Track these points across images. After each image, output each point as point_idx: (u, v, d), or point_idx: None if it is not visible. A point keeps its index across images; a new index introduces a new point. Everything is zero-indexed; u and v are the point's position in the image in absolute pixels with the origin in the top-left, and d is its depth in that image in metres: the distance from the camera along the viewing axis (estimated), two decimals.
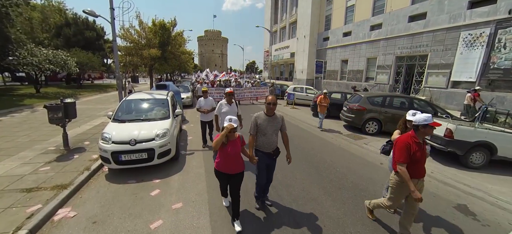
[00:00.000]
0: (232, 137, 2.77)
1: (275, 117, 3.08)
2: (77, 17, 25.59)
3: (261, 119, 3.02)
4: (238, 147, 2.83)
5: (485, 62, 11.48)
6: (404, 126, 3.28)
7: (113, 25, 8.54)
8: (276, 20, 38.91)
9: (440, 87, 13.66)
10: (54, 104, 5.00)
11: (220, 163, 2.83)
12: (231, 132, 2.65)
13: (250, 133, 3.05)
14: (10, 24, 13.17)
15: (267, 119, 3.01)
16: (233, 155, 2.77)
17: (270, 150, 3.08)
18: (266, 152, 3.08)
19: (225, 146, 2.72)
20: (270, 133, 3.01)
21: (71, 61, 16.30)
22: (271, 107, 2.95)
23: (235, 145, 2.79)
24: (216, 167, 2.90)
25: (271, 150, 3.09)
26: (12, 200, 3.31)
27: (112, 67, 32.53)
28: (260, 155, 3.07)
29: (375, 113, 7.93)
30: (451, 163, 5.58)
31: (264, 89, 15.64)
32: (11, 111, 10.09)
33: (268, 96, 3.05)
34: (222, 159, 2.81)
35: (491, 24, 11.20)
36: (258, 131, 3.02)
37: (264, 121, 3.00)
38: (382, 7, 18.12)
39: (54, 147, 5.56)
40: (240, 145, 2.87)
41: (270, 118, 3.03)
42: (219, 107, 4.85)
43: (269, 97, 2.99)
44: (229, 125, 2.61)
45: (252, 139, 3.03)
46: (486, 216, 3.48)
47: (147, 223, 3.02)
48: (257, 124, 3.00)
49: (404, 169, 2.51)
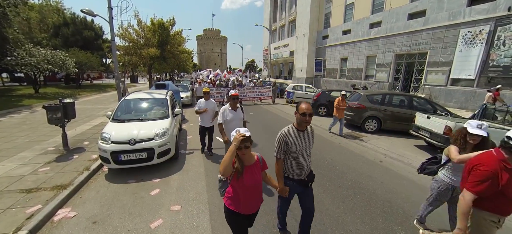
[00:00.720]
0: (249, 161, 1.90)
1: (308, 133, 2.35)
2: (75, 16, 25.48)
3: (292, 136, 2.25)
4: (259, 174, 1.95)
5: (484, 60, 11.48)
6: (463, 141, 2.48)
7: (112, 24, 8.51)
8: (275, 19, 38.81)
9: (440, 84, 13.66)
10: (53, 105, 4.99)
11: (234, 199, 1.92)
12: (245, 148, 1.80)
13: (276, 157, 2.31)
14: (7, 24, 13.10)
15: (300, 136, 2.27)
16: (253, 186, 1.90)
17: (303, 176, 2.38)
18: (299, 179, 2.36)
19: (240, 174, 1.84)
20: (304, 154, 2.31)
21: (70, 61, 16.24)
22: (307, 119, 2.15)
23: (254, 171, 1.91)
24: (228, 206, 1.95)
25: (305, 175, 2.39)
26: (12, 201, 3.31)
27: (111, 67, 32.46)
28: (291, 184, 2.36)
29: (375, 111, 7.93)
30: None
31: (267, 89, 15.22)
32: (10, 111, 10.06)
33: (301, 104, 2.21)
34: (237, 194, 1.89)
35: (491, 21, 11.19)
36: (288, 154, 2.30)
37: (296, 139, 2.25)
38: (381, 5, 18.08)
39: (53, 147, 5.55)
40: (261, 170, 2.03)
41: (303, 134, 2.29)
42: (222, 113, 3.99)
43: (303, 105, 2.19)
44: (239, 135, 1.76)
45: (280, 166, 2.32)
46: None
47: (147, 223, 3.02)
48: (287, 145, 2.25)
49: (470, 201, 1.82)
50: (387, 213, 3.36)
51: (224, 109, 4.01)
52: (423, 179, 4.55)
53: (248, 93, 14.65)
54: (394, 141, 7.14)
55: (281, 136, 2.28)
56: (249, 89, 15.20)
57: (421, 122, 6.28)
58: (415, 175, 4.73)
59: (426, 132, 6.02)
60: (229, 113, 4.00)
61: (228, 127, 3.90)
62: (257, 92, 14.96)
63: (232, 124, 3.84)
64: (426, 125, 6.06)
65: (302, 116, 2.16)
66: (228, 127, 3.90)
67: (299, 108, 2.20)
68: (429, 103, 7.99)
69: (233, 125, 3.78)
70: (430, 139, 5.82)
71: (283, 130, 2.31)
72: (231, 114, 4.00)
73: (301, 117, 2.17)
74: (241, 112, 4.10)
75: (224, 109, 4.02)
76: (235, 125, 3.66)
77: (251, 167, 1.90)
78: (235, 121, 3.94)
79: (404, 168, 5.10)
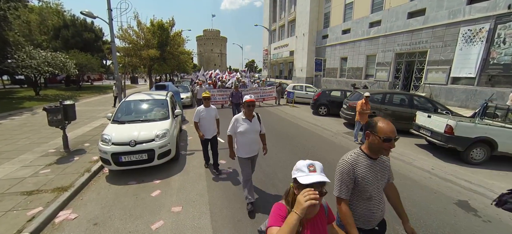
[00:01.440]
0: (311, 213, 1.26)
1: (382, 161, 1.65)
2: (75, 18, 25.53)
3: (362, 166, 1.56)
4: (324, 229, 1.34)
5: (485, 58, 11.45)
6: None
7: (111, 26, 8.51)
8: (275, 19, 38.82)
9: (440, 83, 13.64)
10: (53, 107, 4.99)
11: None
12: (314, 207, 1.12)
13: (339, 196, 1.57)
14: (8, 27, 13.15)
15: (371, 166, 1.58)
16: None
17: (373, 225, 1.73)
18: (368, 230, 1.71)
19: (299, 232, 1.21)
20: (377, 192, 1.63)
21: (70, 63, 16.28)
22: (390, 145, 1.44)
23: (319, 225, 1.32)
24: None
25: (376, 223, 1.75)
26: (13, 203, 3.31)
27: (111, 68, 32.51)
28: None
29: (375, 110, 7.92)
30: (452, 160, 5.58)
31: (271, 89, 14.57)
32: (11, 114, 10.07)
33: (380, 123, 1.48)
34: None
35: (491, 19, 11.17)
36: (355, 193, 1.60)
37: (366, 169, 1.55)
38: (381, 4, 18.06)
39: (54, 149, 5.55)
40: (327, 223, 1.39)
41: (376, 163, 1.60)
42: (234, 124, 3.20)
43: (384, 125, 1.46)
44: (310, 194, 1.03)
45: (346, 207, 1.56)
46: (487, 212, 3.47)
47: (148, 224, 3.02)
48: (355, 179, 1.55)
49: None
50: (388, 213, 3.34)
51: (237, 119, 3.20)
52: (423, 179, 4.54)
53: (253, 94, 14.27)
54: None
55: (344, 166, 1.57)
56: (252, 90, 14.47)
57: (422, 121, 6.27)
58: (416, 174, 4.72)
59: (427, 131, 6.01)
60: (243, 124, 3.16)
61: (241, 140, 3.21)
62: (261, 93, 14.34)
63: (246, 137, 3.18)
64: (427, 124, 6.05)
65: (384, 141, 1.44)
66: (241, 140, 3.21)
67: (378, 129, 1.47)
68: (430, 101, 7.98)
69: (247, 138, 3.19)
70: (431, 138, 5.81)
71: (346, 157, 1.61)
72: (246, 124, 3.16)
73: (382, 142, 1.44)
74: (258, 122, 3.29)
75: (237, 118, 3.20)
76: (251, 139, 3.22)
77: (314, 219, 1.29)
78: (250, 134, 3.19)
79: (405, 168, 5.08)
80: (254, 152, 3.30)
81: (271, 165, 4.93)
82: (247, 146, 3.22)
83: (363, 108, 6.34)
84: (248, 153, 3.24)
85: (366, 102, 6.36)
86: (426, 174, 4.77)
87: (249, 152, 3.25)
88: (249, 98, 3.14)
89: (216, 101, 12.56)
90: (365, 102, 6.36)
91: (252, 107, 3.16)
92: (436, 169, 4.99)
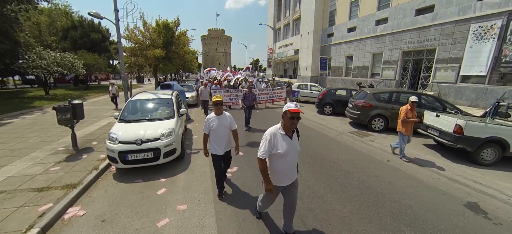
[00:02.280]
0: None
1: None
2: (83, 19, 26.05)
3: None
4: None
5: (496, 55, 11.10)
6: None
7: (118, 26, 8.66)
8: (280, 17, 38.63)
9: (449, 82, 13.30)
10: (62, 106, 5.11)
11: None
12: None
13: None
14: (19, 29, 13.56)
15: None
16: None
17: None
18: None
19: None
20: None
21: (78, 63, 16.65)
22: None
23: None
24: None
25: None
26: (25, 199, 3.41)
27: (118, 68, 33.04)
28: None
29: (382, 110, 7.80)
30: (461, 160, 5.44)
31: (280, 90, 13.65)
32: (22, 113, 10.38)
33: None
34: None
35: (503, 16, 10.80)
36: None
37: None
38: (387, 1, 17.73)
39: (63, 147, 5.69)
40: None
41: None
42: (270, 142, 2.32)
43: None
44: None
45: None
46: (498, 215, 3.38)
47: (154, 222, 3.06)
48: None
49: None
50: (395, 214, 3.29)
51: (274, 135, 2.34)
52: (432, 180, 4.45)
53: (261, 95, 12.91)
54: None
55: None
56: (261, 90, 13.48)
57: (430, 121, 6.13)
58: (424, 175, 4.63)
59: (435, 130, 5.88)
60: (282, 143, 2.32)
61: (279, 166, 2.40)
62: (271, 93, 13.35)
63: (285, 161, 2.37)
64: (435, 123, 5.91)
65: None
66: (279, 166, 2.40)
67: None
68: (438, 100, 7.79)
69: (287, 163, 2.38)
70: (440, 138, 5.68)
71: None
72: (286, 144, 2.33)
73: None
74: (297, 139, 2.48)
75: (274, 134, 2.34)
76: (291, 162, 2.41)
77: None
78: (291, 155, 2.37)
79: (412, 168, 4.99)
80: (291, 180, 2.50)
81: None
82: (287, 172, 2.45)
83: (408, 116, 5.15)
84: (283, 181, 2.47)
85: (412, 108, 5.19)
86: (434, 175, 4.67)
87: (286, 180, 2.47)
88: (293, 108, 2.22)
89: (223, 103, 12.09)
90: (410, 108, 5.18)
91: (297, 120, 2.25)
92: (445, 170, 4.88)
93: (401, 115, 5.26)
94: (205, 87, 10.69)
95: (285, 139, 2.35)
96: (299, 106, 2.28)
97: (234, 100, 11.88)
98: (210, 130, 3.46)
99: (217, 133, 3.44)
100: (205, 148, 3.56)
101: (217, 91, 12.01)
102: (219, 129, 3.43)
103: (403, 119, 5.19)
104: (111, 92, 11.80)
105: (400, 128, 5.32)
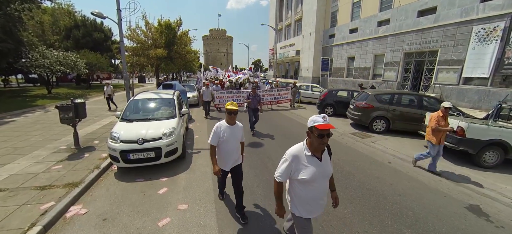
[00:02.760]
0: None
1: None
2: (86, 19, 26.20)
3: None
4: None
5: (499, 57, 11.04)
6: None
7: (120, 26, 8.70)
8: (281, 18, 38.62)
9: (451, 83, 13.24)
10: (65, 105, 5.15)
11: None
12: None
13: None
14: (22, 28, 13.66)
15: None
16: None
17: None
18: None
19: None
20: None
21: (81, 62, 16.76)
22: None
23: None
24: None
25: None
26: (27, 198, 3.44)
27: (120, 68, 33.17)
28: None
29: (383, 111, 7.77)
30: (463, 162, 5.42)
31: (286, 91, 13.05)
32: (25, 111, 10.45)
33: None
34: None
35: (506, 17, 10.75)
36: None
37: None
38: (390, 2, 17.69)
39: (65, 146, 5.73)
40: None
41: None
42: (290, 165, 1.88)
43: None
44: None
45: None
46: (500, 218, 3.36)
47: (155, 221, 3.07)
48: None
49: None
50: (396, 215, 3.29)
51: (296, 157, 1.86)
52: (433, 182, 4.43)
53: (265, 96, 12.29)
54: (403, 141, 6.98)
55: None
56: (265, 91, 12.80)
57: None
58: (425, 177, 4.61)
59: None
60: (308, 167, 1.83)
61: (305, 193, 1.91)
62: (275, 94, 12.77)
63: (313, 187, 1.89)
64: None
65: None
66: (305, 193, 1.91)
67: None
68: (440, 102, 7.75)
69: (315, 189, 1.90)
70: None
71: None
72: (313, 168, 1.82)
73: None
74: (329, 160, 1.96)
75: (296, 157, 1.86)
76: (320, 189, 1.92)
77: None
78: (319, 181, 1.88)
79: (413, 170, 4.97)
80: (319, 211, 2.03)
81: (276, 165, 4.91)
82: (317, 201, 1.97)
83: (440, 124, 4.45)
84: (313, 212, 1.99)
85: (444, 115, 4.47)
86: (435, 177, 4.65)
87: (317, 210, 2.01)
88: (322, 123, 1.71)
89: (224, 104, 11.43)
90: (443, 115, 4.47)
91: (327, 138, 1.75)
92: (447, 172, 4.86)
93: (432, 123, 4.55)
94: (207, 88, 10.17)
95: (312, 162, 1.81)
96: (328, 119, 1.74)
97: (237, 101, 11.18)
98: (219, 141, 2.91)
99: (227, 146, 2.94)
100: (215, 163, 2.90)
101: (220, 92, 11.78)
102: (230, 141, 2.92)
103: (435, 128, 4.48)
104: (106, 92, 11.18)
105: (430, 138, 4.62)
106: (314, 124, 1.72)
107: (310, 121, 1.79)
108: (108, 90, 11.12)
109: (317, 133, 1.71)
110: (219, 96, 11.62)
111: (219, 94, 11.72)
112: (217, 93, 11.67)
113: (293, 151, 1.88)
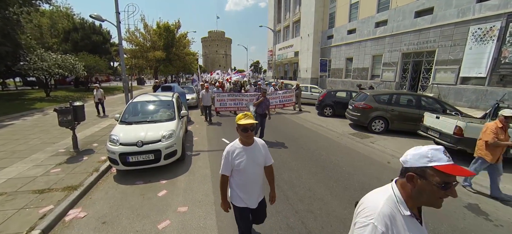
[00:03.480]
0: None
1: None
2: (84, 21, 26.21)
3: None
4: None
5: (496, 57, 11.13)
6: None
7: (119, 28, 8.70)
8: (280, 19, 38.78)
9: (449, 83, 13.33)
10: (63, 108, 5.14)
11: None
12: None
13: None
14: (21, 31, 13.65)
15: None
16: None
17: None
18: None
19: None
20: None
21: (79, 65, 16.74)
22: None
23: None
24: None
25: None
26: (26, 201, 3.42)
27: (118, 70, 33.15)
28: None
29: (382, 111, 7.81)
30: (461, 162, 5.44)
31: (291, 94, 12.24)
32: (23, 114, 10.40)
33: None
34: None
35: (502, 17, 10.85)
36: None
37: None
38: (387, 3, 17.81)
39: (64, 149, 5.71)
40: None
41: None
42: (388, 226, 0.95)
43: None
44: None
45: None
46: (499, 216, 3.38)
47: (155, 224, 3.06)
48: None
49: None
50: None
51: (391, 217, 0.98)
52: None
53: (271, 100, 11.25)
54: (401, 141, 7.00)
55: None
56: (269, 94, 11.65)
57: (430, 122, 6.14)
58: None
59: (435, 132, 5.88)
60: None
61: None
62: (280, 97, 12.08)
63: None
64: (435, 125, 5.92)
65: None
66: None
67: None
68: (438, 102, 7.81)
69: None
70: (440, 139, 5.68)
71: None
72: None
73: None
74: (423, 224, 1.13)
75: (390, 216, 0.98)
76: None
77: None
78: None
79: None
80: None
81: (276, 167, 4.92)
82: None
83: (499, 138, 3.55)
84: None
85: (504, 127, 3.60)
86: None
87: None
88: (447, 164, 0.95)
89: (227, 108, 10.83)
90: (502, 127, 3.60)
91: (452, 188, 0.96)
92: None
93: (488, 136, 3.58)
94: (207, 91, 9.32)
95: (413, 228, 1.01)
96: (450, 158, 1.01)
97: (239, 105, 10.70)
98: (234, 170, 2.05)
99: (246, 175, 2.05)
100: (225, 198, 2.15)
101: (221, 95, 11.02)
102: (249, 168, 2.02)
103: (492, 143, 3.54)
104: (96, 97, 10.42)
105: (484, 154, 3.67)
106: (433, 164, 0.95)
107: (416, 156, 1.01)
108: (98, 94, 10.48)
109: (441, 179, 0.93)
110: (220, 99, 10.81)
111: (220, 97, 10.89)
112: (218, 96, 10.88)
113: (381, 210, 1.00)
